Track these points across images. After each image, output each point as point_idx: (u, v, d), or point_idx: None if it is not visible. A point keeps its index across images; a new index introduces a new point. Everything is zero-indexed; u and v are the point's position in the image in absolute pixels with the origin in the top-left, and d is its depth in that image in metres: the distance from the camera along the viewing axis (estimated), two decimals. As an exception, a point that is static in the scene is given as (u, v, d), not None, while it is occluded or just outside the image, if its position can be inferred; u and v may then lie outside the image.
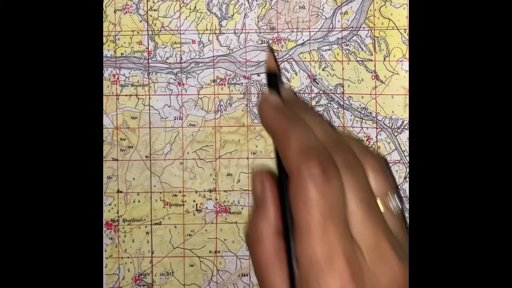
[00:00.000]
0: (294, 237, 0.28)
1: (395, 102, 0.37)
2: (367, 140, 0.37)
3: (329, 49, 0.38)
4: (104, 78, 0.38)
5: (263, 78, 0.38)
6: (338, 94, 0.38)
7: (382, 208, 0.30)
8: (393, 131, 0.37)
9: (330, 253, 0.26)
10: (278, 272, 0.29)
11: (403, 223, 0.31)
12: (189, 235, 0.38)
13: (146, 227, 0.38)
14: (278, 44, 0.38)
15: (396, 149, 0.37)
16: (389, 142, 0.37)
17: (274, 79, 0.34)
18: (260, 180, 0.31)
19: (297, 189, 0.27)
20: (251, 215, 0.31)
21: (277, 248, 0.29)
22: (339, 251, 0.26)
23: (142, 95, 0.38)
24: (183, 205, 0.38)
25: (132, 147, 0.38)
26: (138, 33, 0.38)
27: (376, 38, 0.37)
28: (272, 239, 0.29)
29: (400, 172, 0.37)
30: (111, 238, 0.38)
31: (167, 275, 0.38)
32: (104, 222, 0.38)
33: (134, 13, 0.38)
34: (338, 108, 0.38)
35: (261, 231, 0.29)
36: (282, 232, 0.29)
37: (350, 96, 0.38)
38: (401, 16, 0.37)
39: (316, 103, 0.38)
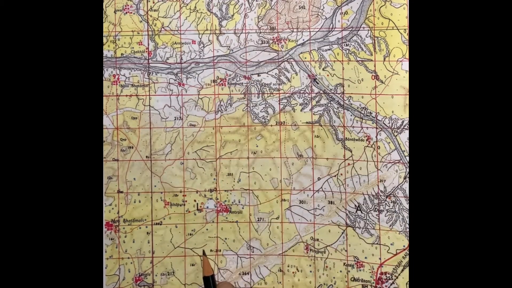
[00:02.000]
0: None
1: (395, 102, 0.37)
2: (367, 140, 0.37)
3: (329, 49, 0.38)
4: (104, 79, 0.38)
5: (263, 78, 0.38)
6: (338, 94, 0.38)
7: None
8: (393, 131, 0.37)
9: None
10: None
11: None
12: (190, 234, 0.38)
13: (146, 227, 0.38)
14: (278, 44, 0.38)
15: (396, 149, 0.37)
16: (389, 142, 0.37)
17: (212, 280, 0.37)
18: None
19: None
20: None
21: None
22: None
23: (143, 95, 0.38)
24: (184, 205, 0.38)
25: (132, 147, 0.38)
26: (138, 33, 0.38)
27: (376, 38, 0.37)
28: None
29: (400, 172, 0.37)
30: (111, 239, 0.38)
31: (168, 275, 0.38)
32: (104, 223, 0.38)
33: (134, 14, 0.38)
34: (338, 108, 0.38)
35: None
36: None
37: (350, 96, 0.38)
38: (401, 16, 0.37)
39: (316, 102, 0.38)
